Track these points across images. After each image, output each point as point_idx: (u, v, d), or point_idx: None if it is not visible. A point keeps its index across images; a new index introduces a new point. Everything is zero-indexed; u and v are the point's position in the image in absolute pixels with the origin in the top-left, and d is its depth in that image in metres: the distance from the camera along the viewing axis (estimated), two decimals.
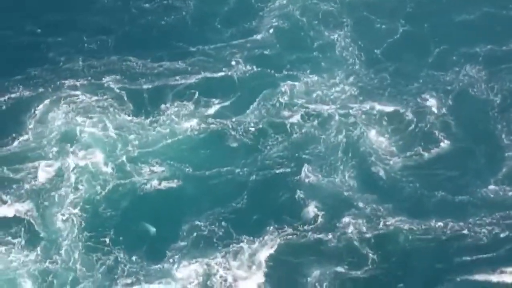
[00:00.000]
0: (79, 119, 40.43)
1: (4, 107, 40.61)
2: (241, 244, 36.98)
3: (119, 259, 36.24)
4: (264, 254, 36.79)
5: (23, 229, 36.76)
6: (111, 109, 40.82)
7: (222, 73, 42.57)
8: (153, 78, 42.27)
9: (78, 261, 36.12)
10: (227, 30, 44.40)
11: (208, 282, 35.89)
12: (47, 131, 39.81)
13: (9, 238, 36.54)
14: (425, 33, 45.15)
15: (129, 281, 35.86)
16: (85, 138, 39.78)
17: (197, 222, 37.48)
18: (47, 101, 40.91)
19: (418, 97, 42.33)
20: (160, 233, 37.21)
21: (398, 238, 37.56)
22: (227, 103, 41.52)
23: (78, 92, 41.36)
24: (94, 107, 40.90)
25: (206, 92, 41.69)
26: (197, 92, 41.64)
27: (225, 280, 36.04)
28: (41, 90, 41.25)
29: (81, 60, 42.69)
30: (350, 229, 37.74)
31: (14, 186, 37.96)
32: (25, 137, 39.54)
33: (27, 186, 38.00)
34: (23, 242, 36.35)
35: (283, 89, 42.00)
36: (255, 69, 42.77)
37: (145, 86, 41.97)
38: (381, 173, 39.57)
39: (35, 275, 35.49)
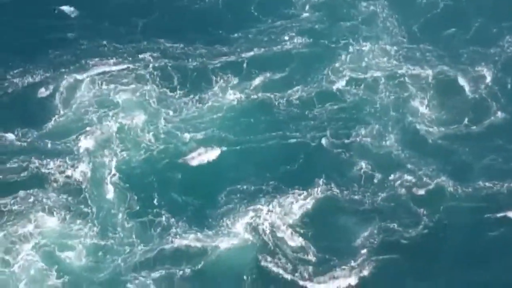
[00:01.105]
0: (115, 90, 40.99)
1: (35, 88, 40.93)
2: (290, 196, 37.60)
3: (170, 222, 36.59)
4: (313, 208, 37.37)
5: (73, 196, 37.14)
6: (149, 85, 41.37)
7: (265, 49, 43.11)
8: (195, 56, 42.78)
9: (129, 224, 36.57)
10: (265, 16, 44.84)
11: (259, 232, 36.52)
12: (83, 104, 40.30)
13: (61, 204, 36.85)
14: (465, 6, 45.92)
15: (184, 242, 36.34)
16: (125, 107, 40.29)
17: (244, 185, 38.07)
18: (79, 77, 41.37)
19: (463, 68, 42.84)
20: (208, 195, 37.58)
21: (446, 198, 38.07)
22: (274, 76, 42.04)
23: (112, 68, 41.91)
24: (131, 80, 41.43)
25: (252, 67, 42.24)
26: (243, 66, 42.24)
27: (274, 229, 36.61)
28: (70, 67, 41.73)
29: (112, 42, 43.04)
30: (399, 188, 38.20)
31: (61, 157, 38.34)
32: (63, 112, 40.00)
33: (73, 156, 38.39)
34: (75, 209, 36.69)
35: (331, 60, 42.69)
36: (303, 42, 43.38)
37: (186, 64, 42.45)
38: (429, 137, 40.09)
39: (88, 240, 35.98)
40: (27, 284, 34.65)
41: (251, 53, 42.68)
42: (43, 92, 40.37)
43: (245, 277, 35.47)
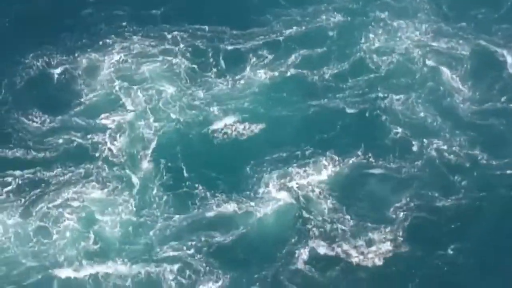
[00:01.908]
0: (141, 65, 41.89)
1: (55, 70, 41.68)
2: (325, 162, 38.50)
3: (205, 192, 37.47)
4: (348, 174, 38.27)
5: (111, 169, 38.12)
6: (178, 59, 42.23)
7: (299, 29, 43.92)
8: (226, 37, 43.53)
9: (165, 196, 37.41)
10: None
11: (295, 196, 37.42)
12: (108, 81, 41.20)
13: (100, 177, 37.79)
14: None
15: (221, 210, 37.08)
16: (154, 80, 41.28)
17: (278, 153, 38.95)
18: (100, 56, 42.21)
19: (499, 43, 43.36)
20: (241, 165, 38.45)
21: (481, 169, 38.65)
22: (309, 54, 42.79)
23: (135, 45, 42.79)
24: (158, 54, 42.36)
25: (286, 47, 43.01)
26: (277, 46, 43.02)
27: (310, 194, 37.38)
28: (89, 48, 42.43)
29: (132, 25, 43.74)
30: (434, 157, 38.87)
31: (96, 133, 39.38)
32: (90, 91, 40.90)
33: (107, 131, 39.49)
34: (113, 181, 37.73)
35: (366, 36, 43.52)
36: (338, 20, 44.12)
37: (217, 43, 43.16)
38: (463, 110, 40.74)
39: (126, 211, 36.89)
40: (65, 250, 35.33)
41: (286, 33, 43.42)
42: (64, 74, 41.30)
43: (284, 241, 36.02)
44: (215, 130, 39.54)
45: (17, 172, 37.65)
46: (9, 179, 37.54)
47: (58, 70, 41.26)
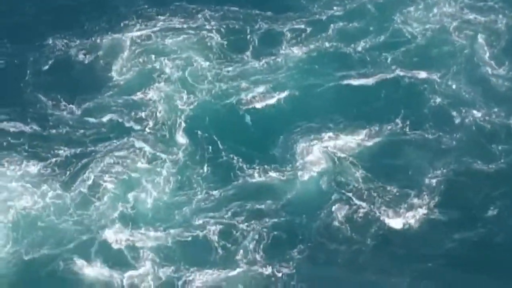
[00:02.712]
0: (167, 40, 43.02)
1: (77, 54, 42.69)
2: (361, 131, 39.66)
3: (242, 163, 38.54)
4: (384, 143, 39.31)
5: (152, 143, 39.23)
6: (208, 34, 43.34)
7: (337, 9, 45.09)
8: (261, 18, 44.61)
9: (203, 168, 38.52)
10: None
11: (332, 163, 38.49)
12: (135, 59, 42.25)
13: (136, 151, 38.91)
14: None
15: (259, 179, 38.18)
16: (183, 55, 42.34)
17: (312, 123, 40.07)
18: (123, 36, 43.18)
19: None
20: (275, 135, 39.57)
21: None
22: (346, 29, 43.84)
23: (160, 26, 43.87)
24: (186, 29, 43.41)
25: (321, 25, 44.14)
26: (311, 26, 44.09)
27: (346, 161, 38.48)
28: (109, 31, 43.29)
29: (153, 7, 44.74)
30: (473, 127, 39.76)
31: (134, 109, 40.53)
32: (119, 71, 41.97)
33: (145, 107, 40.65)
34: (153, 154, 38.84)
35: (403, 10, 44.71)
36: None
37: (251, 24, 44.17)
38: (499, 83, 41.67)
39: (165, 183, 37.82)
40: (104, 217, 36.71)
41: (323, 12, 44.59)
42: (88, 56, 42.31)
43: (323, 204, 37.12)
44: (248, 102, 40.51)
45: (60, 148, 38.79)
46: (52, 154, 38.59)
47: (82, 53, 42.19)
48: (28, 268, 35.04)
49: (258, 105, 40.46)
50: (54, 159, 38.28)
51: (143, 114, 40.09)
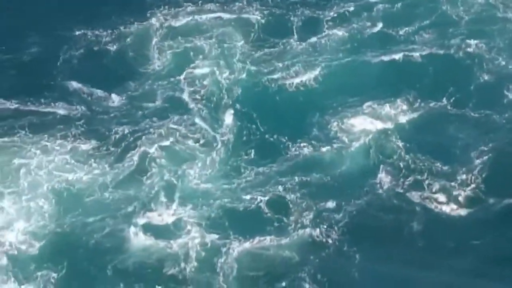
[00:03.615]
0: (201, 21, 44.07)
1: (112, 44, 43.51)
2: (403, 107, 40.20)
3: (289, 144, 39.11)
4: (426, 118, 39.92)
5: (197, 124, 40.01)
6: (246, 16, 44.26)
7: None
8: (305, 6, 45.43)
9: (247, 147, 39.34)
10: None
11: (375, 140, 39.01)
12: (171, 43, 43.18)
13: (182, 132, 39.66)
14: None
15: (303, 153, 38.85)
16: (219, 36, 43.45)
17: (357, 99, 40.68)
18: (154, 22, 44.12)
19: None
20: (313, 113, 40.39)
21: None
22: (389, 10, 44.60)
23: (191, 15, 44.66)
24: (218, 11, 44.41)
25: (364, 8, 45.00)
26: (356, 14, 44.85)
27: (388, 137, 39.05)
28: (135, 21, 44.04)
29: None
30: None
31: (175, 92, 41.42)
32: (156, 57, 42.85)
33: (186, 89, 41.52)
34: (195, 135, 39.50)
35: None
36: None
37: (295, 13, 44.98)
38: None
39: (211, 163, 38.46)
40: (152, 194, 37.14)
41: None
42: (118, 45, 43.03)
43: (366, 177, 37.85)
44: (290, 81, 41.35)
45: (108, 129, 39.53)
46: (101, 134, 39.35)
47: (112, 43, 42.97)
48: (73, 241, 35.68)
49: (301, 84, 41.20)
50: (103, 139, 39.15)
51: (186, 95, 40.79)
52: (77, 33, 43.20)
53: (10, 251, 35.03)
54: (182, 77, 41.60)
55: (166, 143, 38.81)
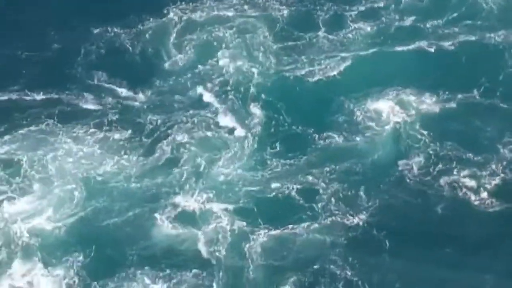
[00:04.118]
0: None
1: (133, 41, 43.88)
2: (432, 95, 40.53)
3: (316, 136, 39.49)
4: (455, 108, 40.22)
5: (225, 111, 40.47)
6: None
7: None
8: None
9: (276, 140, 39.70)
10: None
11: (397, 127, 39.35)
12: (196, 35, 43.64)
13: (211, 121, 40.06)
14: None
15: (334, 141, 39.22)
16: (240, 27, 43.81)
17: (385, 88, 41.14)
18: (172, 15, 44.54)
19: None
20: (344, 103, 40.60)
21: None
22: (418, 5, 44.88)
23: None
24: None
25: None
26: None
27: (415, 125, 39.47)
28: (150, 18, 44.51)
29: None
30: None
31: (203, 83, 41.80)
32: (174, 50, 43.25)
33: (213, 79, 41.98)
34: (220, 122, 40.05)
35: None
36: None
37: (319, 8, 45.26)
38: None
39: (240, 152, 38.94)
40: (182, 182, 37.62)
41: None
42: (139, 42, 43.42)
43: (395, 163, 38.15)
44: (314, 75, 41.66)
45: (138, 121, 40.00)
46: (131, 125, 39.77)
47: (132, 39, 43.45)
48: (100, 227, 36.21)
49: (327, 75, 41.61)
50: (132, 129, 39.61)
51: (212, 86, 41.26)
52: (96, 30, 43.75)
53: (38, 235, 35.38)
54: (206, 68, 42.07)
55: (195, 133, 39.24)
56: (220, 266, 34.68)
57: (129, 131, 39.08)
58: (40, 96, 40.49)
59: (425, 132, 38.73)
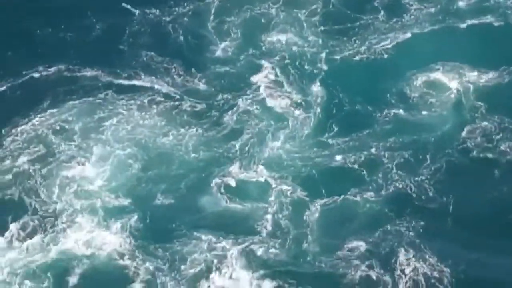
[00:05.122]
0: None
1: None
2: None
3: (376, 114, 40.49)
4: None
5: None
6: None
7: None
8: None
9: (336, 119, 40.66)
10: None
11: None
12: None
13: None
14: None
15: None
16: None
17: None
18: None
19: None
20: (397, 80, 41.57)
21: None
22: None
23: None
24: None
25: None
26: None
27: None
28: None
29: None
30: None
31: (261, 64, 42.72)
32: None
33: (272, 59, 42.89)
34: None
35: None
36: None
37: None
38: None
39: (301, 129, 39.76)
40: (240, 156, 38.67)
41: None
42: (181, 26, 44.32)
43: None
44: (370, 50, 42.67)
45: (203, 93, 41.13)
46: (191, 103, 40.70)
47: (177, 19, 44.42)
48: (155, 195, 37.17)
49: (382, 52, 42.71)
50: (193, 104, 40.55)
51: (268, 63, 42.29)
52: (137, 12, 44.67)
53: (95, 200, 36.45)
54: (257, 46, 43.07)
55: (255, 109, 40.32)
56: (280, 235, 35.55)
57: (190, 105, 40.24)
58: (92, 72, 41.53)
59: (484, 105, 39.84)
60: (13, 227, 35.41)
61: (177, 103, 40.08)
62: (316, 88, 40.73)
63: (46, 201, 36.35)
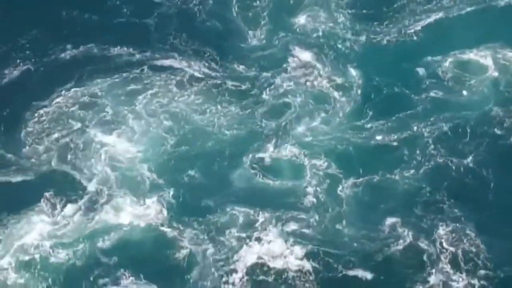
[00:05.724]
0: None
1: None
2: None
3: (412, 96, 40.76)
4: None
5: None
6: None
7: None
8: None
9: (370, 103, 40.97)
10: None
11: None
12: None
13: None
14: None
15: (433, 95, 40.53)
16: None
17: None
18: None
19: None
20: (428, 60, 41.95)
21: None
22: None
23: None
24: None
25: None
26: None
27: None
28: None
29: None
30: None
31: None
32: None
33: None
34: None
35: None
36: None
37: None
38: None
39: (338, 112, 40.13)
40: (267, 134, 38.85)
41: None
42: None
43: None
44: (405, 34, 43.02)
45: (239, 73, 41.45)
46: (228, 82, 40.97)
47: (199, 5, 44.56)
48: (188, 169, 37.64)
49: (418, 34, 43.15)
50: (230, 84, 40.84)
51: (303, 45, 42.62)
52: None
53: (128, 172, 36.96)
54: (290, 27, 43.32)
55: (293, 89, 40.65)
56: (316, 210, 35.94)
57: (232, 84, 40.50)
58: (123, 51, 41.76)
59: None
60: (54, 199, 35.91)
61: (219, 81, 40.35)
62: (353, 69, 41.01)
63: (85, 173, 37.01)
